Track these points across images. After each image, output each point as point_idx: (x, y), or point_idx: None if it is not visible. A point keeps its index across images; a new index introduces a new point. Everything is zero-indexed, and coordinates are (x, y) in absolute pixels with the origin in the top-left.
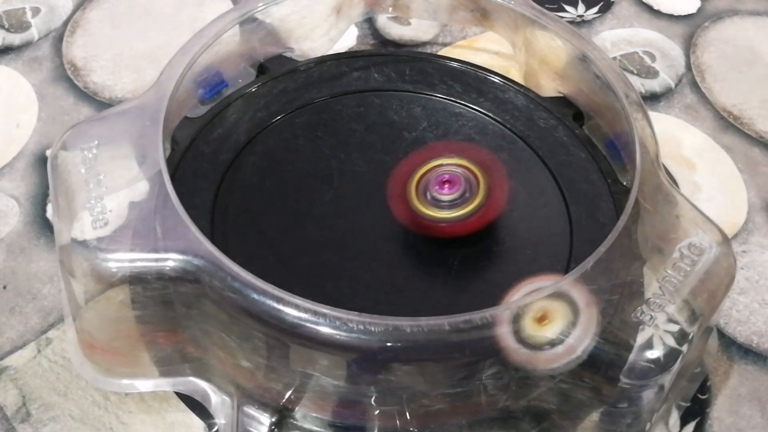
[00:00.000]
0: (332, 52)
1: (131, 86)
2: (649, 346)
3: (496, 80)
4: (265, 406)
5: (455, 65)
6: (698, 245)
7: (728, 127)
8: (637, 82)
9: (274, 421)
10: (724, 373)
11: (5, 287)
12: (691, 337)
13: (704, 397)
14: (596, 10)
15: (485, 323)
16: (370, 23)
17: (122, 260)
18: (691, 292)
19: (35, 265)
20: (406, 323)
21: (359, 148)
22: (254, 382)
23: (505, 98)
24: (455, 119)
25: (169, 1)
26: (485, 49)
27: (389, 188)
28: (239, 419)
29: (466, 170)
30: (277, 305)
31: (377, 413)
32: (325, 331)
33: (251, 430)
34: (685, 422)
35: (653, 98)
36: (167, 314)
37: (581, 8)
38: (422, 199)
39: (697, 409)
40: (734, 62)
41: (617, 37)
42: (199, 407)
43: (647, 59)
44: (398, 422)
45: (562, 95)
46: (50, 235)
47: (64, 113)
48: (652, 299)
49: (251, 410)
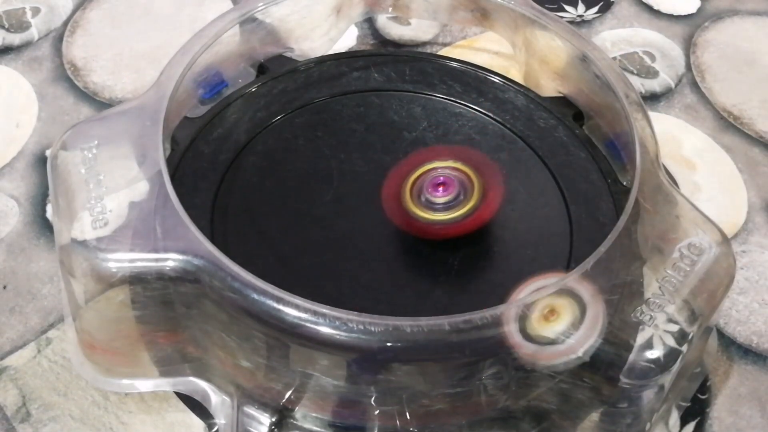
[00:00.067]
0: (332, 52)
1: (131, 86)
2: (649, 346)
3: (496, 80)
4: (265, 406)
5: (455, 65)
6: (698, 245)
7: (728, 127)
8: (637, 82)
9: (274, 421)
10: (724, 373)
11: (5, 287)
12: (691, 337)
13: (704, 397)
14: (596, 10)
15: (485, 323)
16: (370, 23)
17: (122, 260)
18: (690, 292)
19: (35, 265)
20: (406, 323)
21: (359, 148)
22: (254, 382)
23: (505, 98)
24: (455, 119)
25: (169, 1)
26: (485, 49)
27: (384, 191)
28: (239, 419)
29: (460, 173)
30: (277, 305)
31: (377, 413)
32: (325, 331)
33: (251, 430)
34: (685, 422)
35: (653, 98)
36: (167, 314)
37: (581, 8)
38: (416, 201)
39: (697, 409)
40: (734, 62)
41: (617, 37)
42: (199, 407)
43: (647, 59)
44: (398, 422)
45: (562, 95)
46: (50, 235)
47: (64, 113)
48: (652, 299)
49: (251, 410)
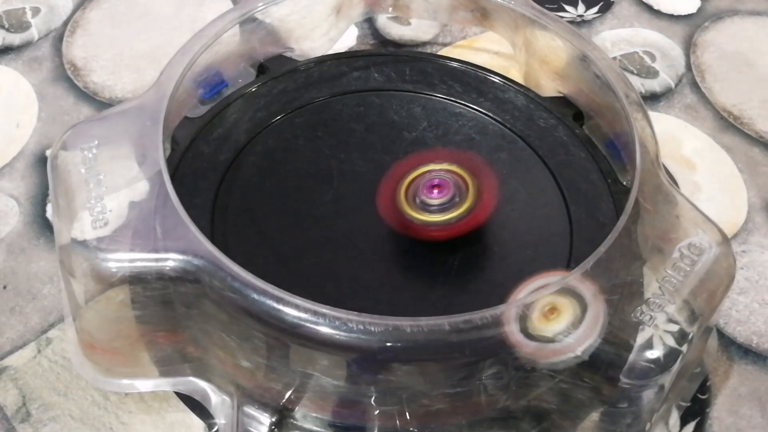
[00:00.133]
0: (332, 52)
1: (131, 86)
2: (649, 346)
3: (496, 80)
4: (265, 406)
5: (455, 65)
6: (698, 245)
7: (728, 127)
8: (637, 82)
9: (274, 421)
10: (724, 373)
11: (5, 287)
12: (691, 337)
13: (704, 397)
14: (596, 10)
15: (485, 323)
16: (370, 23)
17: (122, 260)
18: (691, 292)
19: (35, 265)
20: (406, 323)
21: (359, 148)
22: (254, 382)
23: (505, 98)
24: (455, 119)
25: (169, 1)
26: (485, 49)
27: (379, 194)
28: (239, 419)
29: (455, 175)
30: (277, 305)
31: (377, 413)
32: (325, 331)
33: (251, 430)
34: (685, 422)
35: (653, 98)
36: (167, 314)
37: (581, 8)
38: (411, 203)
39: (697, 409)
40: (734, 62)
41: (617, 37)
42: (199, 407)
43: (647, 59)
44: (398, 422)
45: (562, 95)
46: (50, 235)
47: (64, 113)
48: (652, 299)
49: (251, 410)
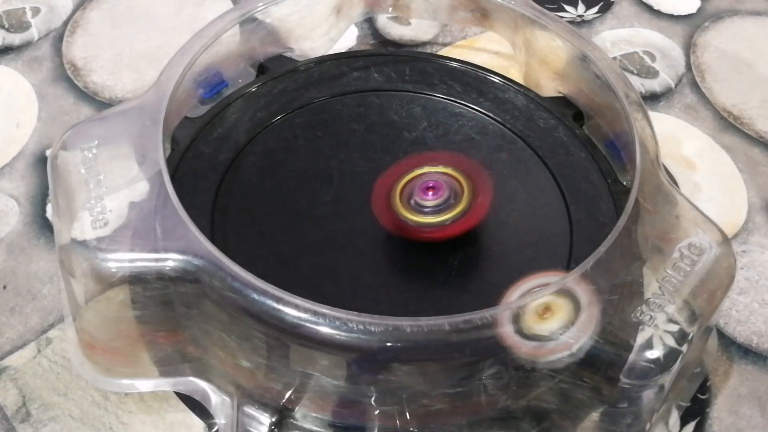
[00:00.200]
0: (332, 52)
1: (131, 86)
2: (649, 346)
3: (496, 80)
4: (265, 406)
5: (455, 65)
6: (698, 245)
7: (728, 127)
8: (637, 82)
9: (274, 421)
10: (724, 373)
11: (5, 287)
12: (690, 337)
13: (704, 397)
14: (596, 10)
15: (485, 323)
16: (370, 23)
17: (122, 260)
18: (691, 292)
19: (35, 265)
20: (406, 323)
21: (359, 148)
22: (254, 382)
23: (505, 98)
24: (455, 119)
25: (169, 1)
26: (485, 49)
27: (374, 197)
28: (239, 419)
29: (450, 178)
30: (277, 305)
31: (377, 413)
32: (325, 331)
33: (251, 430)
34: (685, 422)
35: (653, 98)
36: (167, 314)
37: (581, 8)
38: (406, 205)
39: (697, 409)
40: (734, 62)
41: (617, 37)
42: (199, 407)
43: (647, 59)
44: (398, 422)
45: (562, 95)
46: (50, 235)
47: (64, 113)
48: (652, 299)
49: (251, 410)
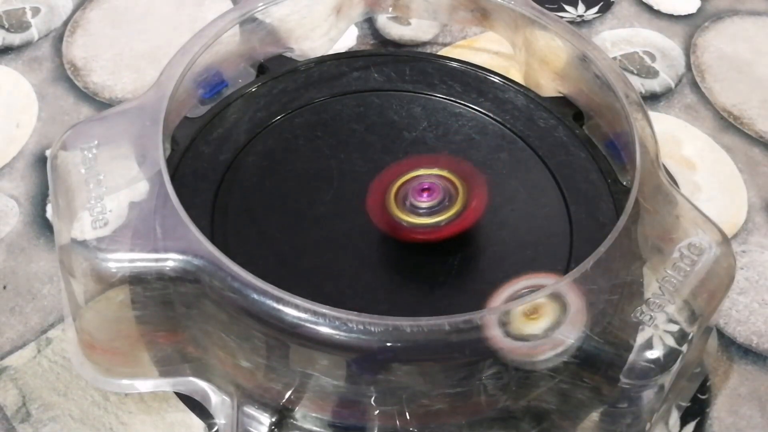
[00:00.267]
0: (332, 52)
1: (131, 86)
2: (649, 346)
3: (496, 80)
4: (265, 406)
5: (455, 65)
6: (698, 245)
7: (728, 127)
8: (637, 82)
9: (274, 421)
10: (724, 373)
11: (5, 287)
12: (690, 337)
13: (704, 397)
14: (596, 10)
15: (485, 323)
16: (370, 23)
17: (122, 260)
18: (691, 292)
19: (35, 265)
20: (406, 323)
21: (359, 148)
22: (254, 382)
23: (505, 98)
24: (455, 119)
25: (169, 1)
26: (485, 49)
27: (369, 198)
28: (239, 419)
29: (445, 180)
30: (277, 305)
31: (377, 413)
32: (325, 331)
33: (251, 430)
34: (685, 422)
35: (653, 98)
36: (167, 314)
37: (581, 8)
38: (401, 205)
39: (697, 409)
40: (734, 62)
41: (617, 37)
42: (199, 407)
43: (647, 59)
44: (398, 422)
45: (562, 95)
46: (50, 235)
47: (64, 113)
48: (652, 299)
49: (251, 410)
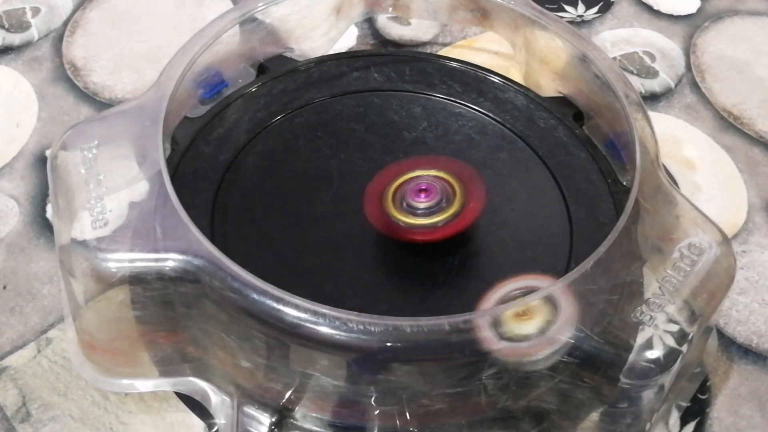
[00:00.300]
0: (332, 52)
1: (131, 86)
2: (649, 346)
3: (496, 80)
4: (265, 406)
5: (455, 65)
6: (698, 245)
7: (728, 127)
8: (637, 82)
9: (274, 421)
10: (724, 373)
11: (5, 287)
12: (691, 337)
13: (704, 397)
14: (596, 10)
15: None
16: (370, 23)
17: (122, 260)
18: (691, 292)
19: (35, 265)
20: (406, 323)
21: (359, 148)
22: (254, 382)
23: (505, 98)
24: (455, 119)
25: (169, 1)
26: (485, 49)
27: (366, 199)
28: (239, 419)
29: (442, 181)
30: (277, 305)
31: (377, 413)
32: (325, 331)
33: (251, 430)
34: (685, 422)
35: (653, 98)
36: (167, 314)
37: (581, 8)
38: (398, 206)
39: (697, 409)
40: (734, 62)
41: (617, 37)
42: (199, 407)
43: (647, 59)
44: (398, 422)
45: (562, 95)
46: (50, 235)
47: (64, 113)
48: (652, 299)
49: (251, 410)
